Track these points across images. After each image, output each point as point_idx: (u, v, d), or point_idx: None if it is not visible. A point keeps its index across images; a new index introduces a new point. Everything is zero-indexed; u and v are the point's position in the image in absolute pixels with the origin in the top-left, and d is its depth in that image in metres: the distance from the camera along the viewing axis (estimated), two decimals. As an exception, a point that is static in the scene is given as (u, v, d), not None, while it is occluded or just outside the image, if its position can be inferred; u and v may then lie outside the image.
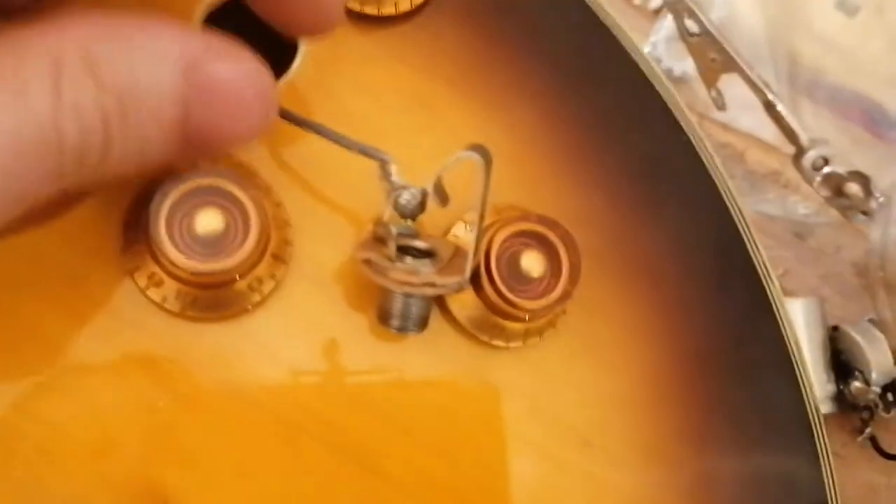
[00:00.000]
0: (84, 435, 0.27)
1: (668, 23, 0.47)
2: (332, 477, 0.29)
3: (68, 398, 0.27)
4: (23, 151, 0.21)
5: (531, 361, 0.32)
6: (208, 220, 0.27)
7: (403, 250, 0.28)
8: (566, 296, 0.30)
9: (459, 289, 0.28)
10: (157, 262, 0.27)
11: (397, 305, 0.28)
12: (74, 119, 0.21)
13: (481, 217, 0.28)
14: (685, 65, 0.46)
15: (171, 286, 0.28)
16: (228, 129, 0.24)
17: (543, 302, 0.29)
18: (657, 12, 0.48)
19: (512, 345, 0.31)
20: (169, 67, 0.23)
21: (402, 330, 0.28)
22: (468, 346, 0.31)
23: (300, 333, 0.29)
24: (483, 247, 0.29)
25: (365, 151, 0.29)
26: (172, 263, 0.26)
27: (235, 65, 0.24)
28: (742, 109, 0.47)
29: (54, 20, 0.22)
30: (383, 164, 0.29)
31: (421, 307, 0.28)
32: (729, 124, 0.51)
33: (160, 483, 0.28)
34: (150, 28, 0.23)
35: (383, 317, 0.29)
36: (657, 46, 0.47)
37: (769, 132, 0.48)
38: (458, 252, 0.29)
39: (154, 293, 0.28)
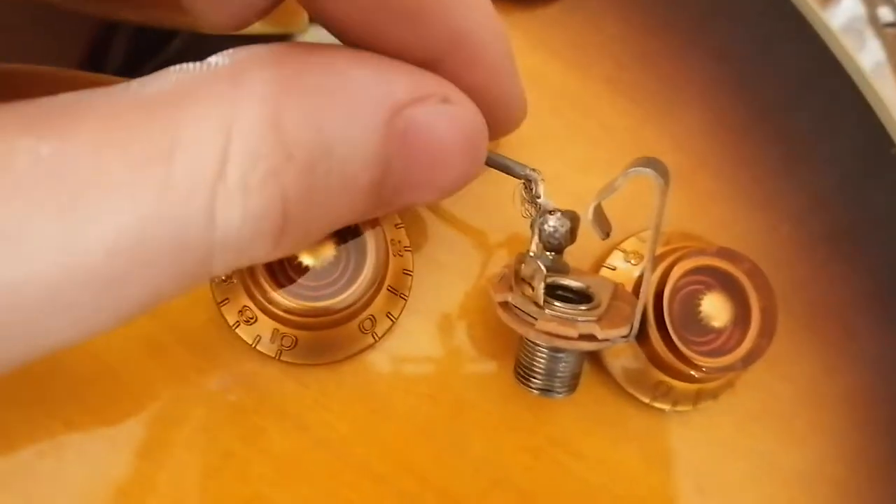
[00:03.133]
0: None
1: (844, 8, 0.40)
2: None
3: (145, 453, 0.23)
4: (151, 255, 0.15)
5: (700, 428, 0.25)
6: (318, 248, 0.22)
7: (550, 291, 0.22)
8: (758, 352, 0.23)
9: (623, 343, 0.22)
10: (250, 295, 0.22)
11: (541, 362, 0.22)
12: (237, 205, 0.15)
13: (652, 252, 0.22)
14: (864, 58, 0.39)
15: (266, 325, 0.23)
16: (430, 184, 0.19)
17: (727, 360, 0.23)
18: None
19: (680, 408, 0.25)
20: (369, 120, 0.17)
21: (547, 392, 0.22)
22: (622, 406, 0.25)
23: (417, 387, 0.24)
24: (652, 287, 0.23)
25: (507, 168, 0.23)
26: (268, 300, 0.21)
27: (445, 109, 0.18)
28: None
29: (228, 59, 0.16)
30: (529, 183, 0.23)
31: (572, 364, 0.23)
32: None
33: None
34: (345, 66, 0.17)
35: (523, 375, 0.23)
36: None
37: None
38: (619, 293, 0.23)
39: (245, 332, 0.23)
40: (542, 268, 0.22)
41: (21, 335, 0.15)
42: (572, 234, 0.23)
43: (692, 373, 0.23)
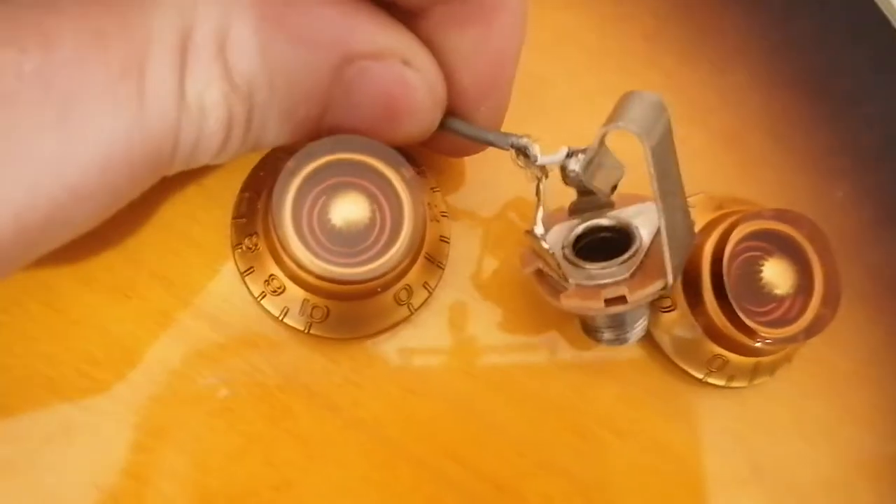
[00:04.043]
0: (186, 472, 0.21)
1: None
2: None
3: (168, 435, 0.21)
4: (134, 163, 0.15)
5: (755, 406, 0.24)
6: (349, 209, 0.20)
7: (591, 234, 0.20)
8: (822, 323, 0.22)
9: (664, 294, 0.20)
10: (279, 262, 0.20)
11: (601, 318, 0.21)
12: (195, 123, 0.16)
13: (660, 207, 0.18)
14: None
15: (295, 295, 0.21)
16: (370, 134, 0.19)
17: (789, 330, 0.22)
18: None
19: (735, 384, 0.23)
20: (317, 61, 0.17)
21: (619, 342, 0.21)
22: (673, 382, 0.23)
23: (455, 364, 0.22)
24: (709, 249, 0.22)
25: (490, 142, 0.20)
26: (299, 265, 0.20)
27: (402, 71, 0.18)
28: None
29: None
30: (520, 151, 0.20)
31: (635, 312, 0.21)
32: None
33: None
34: (307, 5, 0.17)
35: (588, 329, 0.21)
36: None
37: None
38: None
39: (272, 303, 0.21)
40: (549, 248, 0.20)
41: (20, 254, 0.15)
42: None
43: (752, 344, 0.22)
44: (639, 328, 0.20)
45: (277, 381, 0.21)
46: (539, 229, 0.20)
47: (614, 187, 0.20)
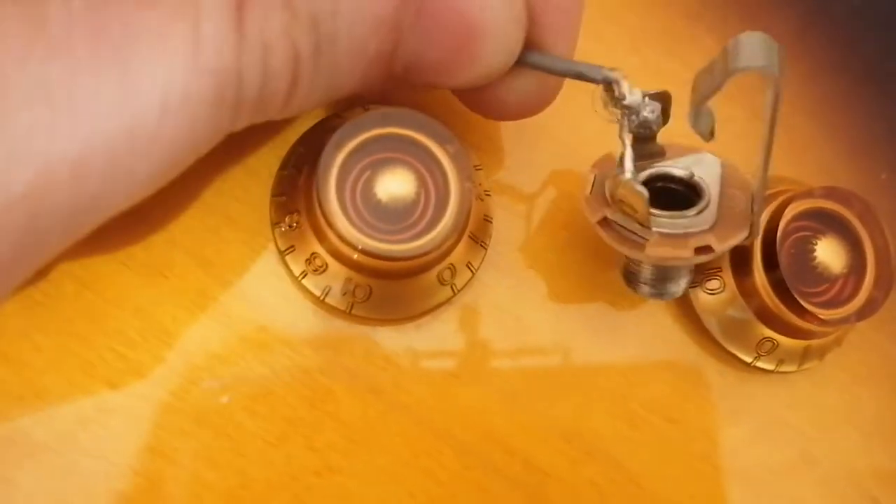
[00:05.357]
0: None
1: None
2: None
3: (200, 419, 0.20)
4: (195, 114, 0.15)
5: (805, 392, 0.23)
6: (394, 185, 0.19)
7: (650, 185, 0.20)
8: (874, 305, 0.21)
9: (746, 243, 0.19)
10: (322, 239, 0.20)
11: (649, 269, 0.20)
12: (258, 62, 0.15)
13: (768, 149, 0.18)
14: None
15: (337, 273, 0.20)
16: (448, 68, 0.17)
17: (842, 312, 0.21)
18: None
19: (784, 369, 0.22)
20: None
21: (660, 297, 0.20)
22: (722, 367, 0.23)
23: (498, 348, 0.22)
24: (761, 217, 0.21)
25: (580, 74, 0.19)
26: (343, 241, 0.19)
27: None
28: None
29: None
30: (609, 85, 0.19)
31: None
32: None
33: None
34: None
35: (630, 280, 0.21)
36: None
37: None
38: (729, 177, 0.20)
39: (313, 283, 0.20)
40: (645, 193, 0.19)
41: (81, 216, 0.14)
42: (665, 116, 0.20)
43: (804, 326, 0.21)
44: (680, 286, 0.20)
45: (318, 364, 0.21)
46: (631, 174, 0.19)
47: (712, 131, 0.20)
